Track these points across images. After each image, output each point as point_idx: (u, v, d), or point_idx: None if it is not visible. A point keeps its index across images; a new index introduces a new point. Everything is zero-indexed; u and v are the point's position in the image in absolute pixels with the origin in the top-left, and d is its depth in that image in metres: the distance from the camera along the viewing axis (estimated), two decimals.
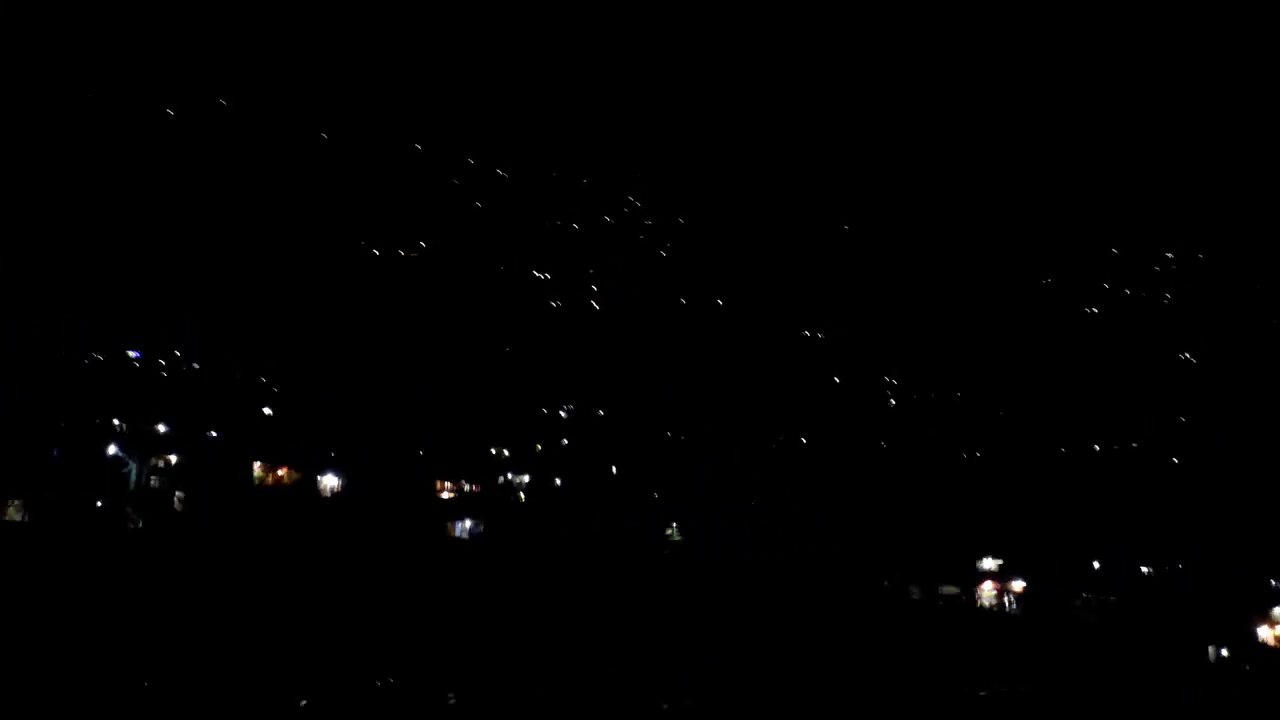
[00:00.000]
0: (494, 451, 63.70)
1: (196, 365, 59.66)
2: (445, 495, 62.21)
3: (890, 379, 69.17)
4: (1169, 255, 74.53)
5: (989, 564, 61.64)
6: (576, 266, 68.88)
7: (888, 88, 74.61)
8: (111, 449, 53.97)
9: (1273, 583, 63.67)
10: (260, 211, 64.10)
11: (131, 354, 58.40)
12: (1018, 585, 61.26)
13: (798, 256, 72.18)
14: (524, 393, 64.28)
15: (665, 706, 49.89)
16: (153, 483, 53.84)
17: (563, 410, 64.72)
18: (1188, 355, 71.31)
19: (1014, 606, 60.91)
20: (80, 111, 63.48)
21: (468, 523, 59.87)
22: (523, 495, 63.41)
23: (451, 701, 49.11)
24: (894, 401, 68.39)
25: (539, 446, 64.05)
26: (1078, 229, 74.97)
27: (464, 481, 62.72)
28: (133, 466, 53.51)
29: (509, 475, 63.80)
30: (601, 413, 64.98)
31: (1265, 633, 62.96)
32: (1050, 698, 55.75)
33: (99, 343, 57.54)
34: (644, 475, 63.25)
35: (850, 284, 71.84)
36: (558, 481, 63.37)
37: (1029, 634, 59.57)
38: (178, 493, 54.49)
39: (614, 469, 63.55)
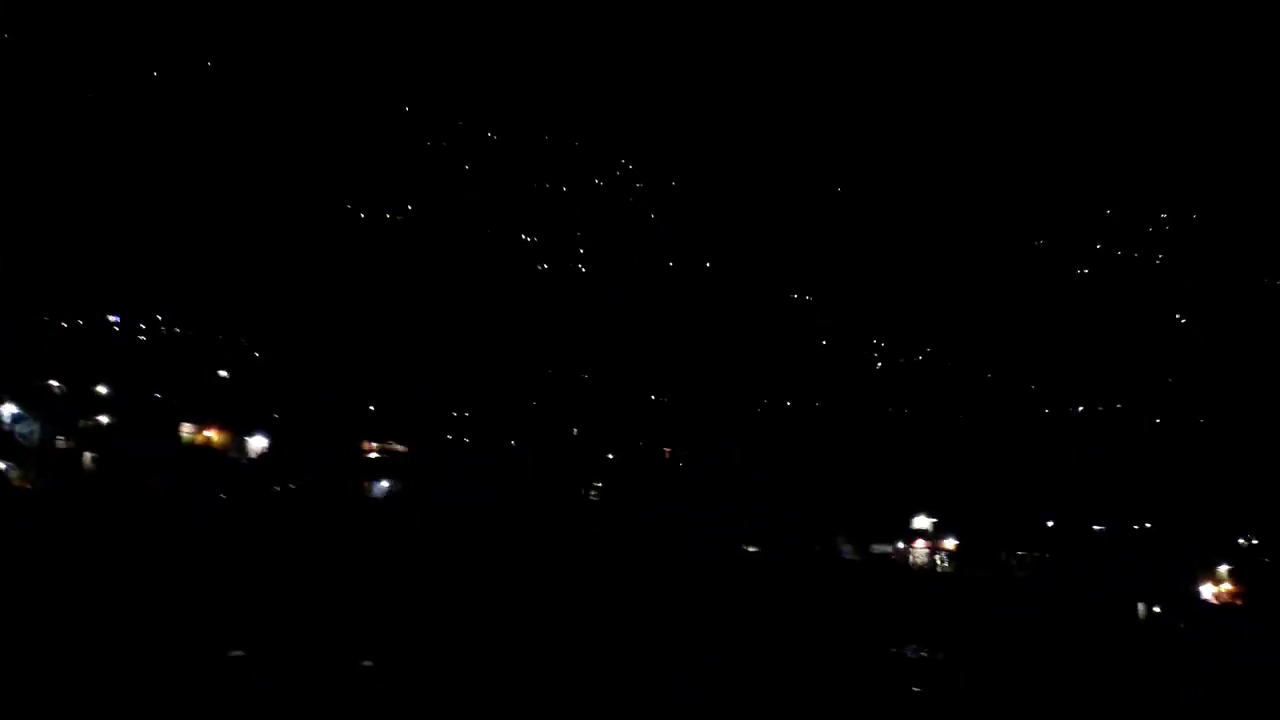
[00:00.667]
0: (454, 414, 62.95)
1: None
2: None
3: (878, 341, 68.41)
4: (1163, 216, 73.28)
5: (923, 522, 60.98)
6: (565, 230, 67.71)
7: (882, 55, 73.35)
8: (10, 408, 52.78)
9: (1240, 541, 63.35)
10: (232, 173, 62.64)
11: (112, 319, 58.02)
12: (950, 543, 60.59)
13: (787, 221, 71.10)
14: (498, 357, 63.26)
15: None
16: (58, 442, 52.72)
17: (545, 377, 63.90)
18: (1179, 317, 70.10)
19: (945, 565, 60.27)
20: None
21: (384, 483, 58.85)
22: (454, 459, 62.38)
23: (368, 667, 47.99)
24: (880, 364, 67.53)
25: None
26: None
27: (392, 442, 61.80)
28: (33, 426, 52.26)
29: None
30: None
31: (1209, 591, 62.70)
32: (982, 657, 54.97)
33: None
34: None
35: (832, 239, 70.91)
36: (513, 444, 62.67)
37: (961, 593, 58.84)
38: (87, 453, 53.50)
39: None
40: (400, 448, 61.75)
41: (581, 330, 65.62)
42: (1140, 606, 58.46)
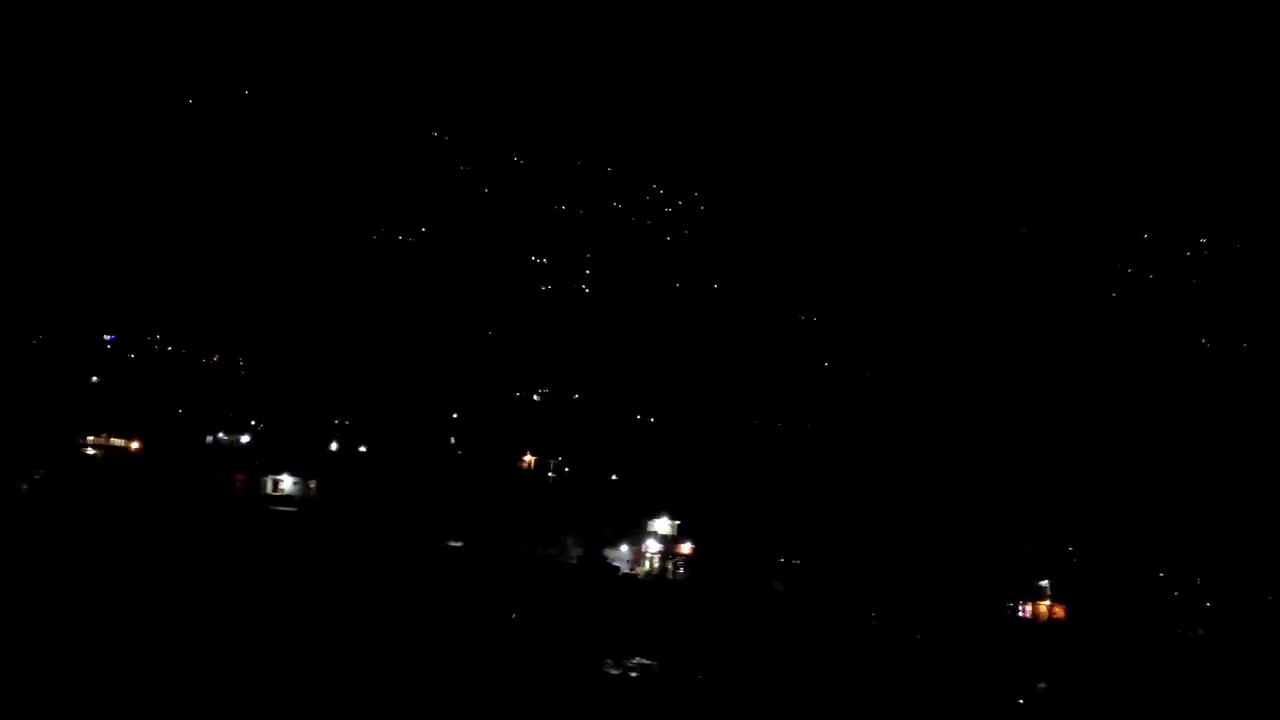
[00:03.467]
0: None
1: None
2: None
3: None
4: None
5: (661, 525, 57.86)
6: (575, 252, 66.51)
7: (896, 80, 71.79)
8: None
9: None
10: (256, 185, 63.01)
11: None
12: (686, 548, 57.40)
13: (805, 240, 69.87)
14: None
15: None
16: None
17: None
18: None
19: (680, 572, 57.04)
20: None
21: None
22: None
23: None
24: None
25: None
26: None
27: None
28: None
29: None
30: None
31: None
32: (714, 669, 52.05)
33: None
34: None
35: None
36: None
37: (695, 601, 55.79)
38: None
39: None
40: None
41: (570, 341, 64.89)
42: (873, 615, 55.59)
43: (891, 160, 69.90)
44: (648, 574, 56.36)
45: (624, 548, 56.53)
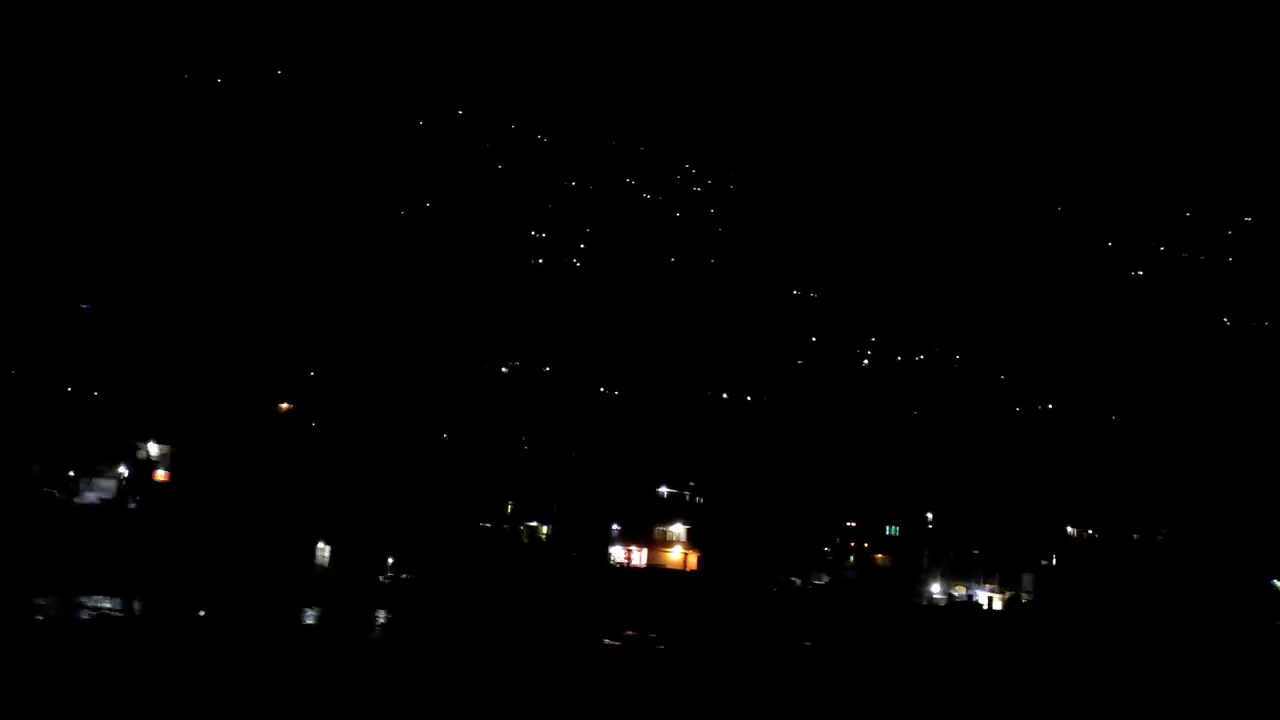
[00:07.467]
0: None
1: None
2: None
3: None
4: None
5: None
6: (574, 228, 66.39)
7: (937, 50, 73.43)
8: None
9: None
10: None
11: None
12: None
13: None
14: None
15: None
16: None
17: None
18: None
19: None
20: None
21: None
22: None
23: None
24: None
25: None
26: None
27: None
28: None
29: None
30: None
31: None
32: None
33: None
34: None
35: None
36: None
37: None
38: None
39: None
40: None
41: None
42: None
43: (915, 153, 72.51)
44: None
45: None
